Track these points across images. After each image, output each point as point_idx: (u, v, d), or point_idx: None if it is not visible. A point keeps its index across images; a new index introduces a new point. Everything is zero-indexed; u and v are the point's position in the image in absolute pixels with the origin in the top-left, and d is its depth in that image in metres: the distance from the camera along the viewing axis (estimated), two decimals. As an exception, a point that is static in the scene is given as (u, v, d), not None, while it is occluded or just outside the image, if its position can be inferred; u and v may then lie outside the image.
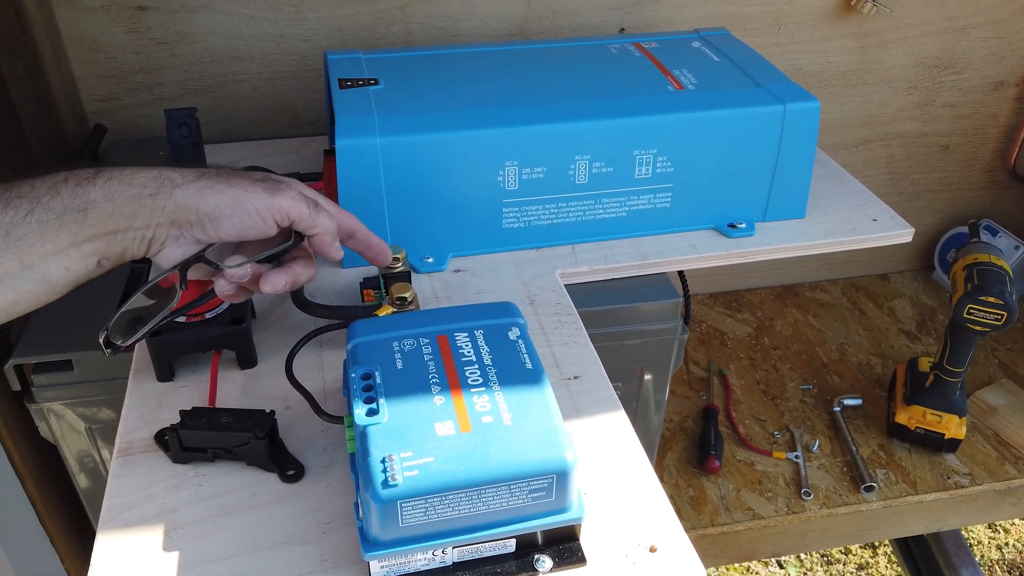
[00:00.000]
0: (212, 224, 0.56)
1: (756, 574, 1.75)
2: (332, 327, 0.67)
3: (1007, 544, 1.82)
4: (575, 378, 0.66)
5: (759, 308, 1.47)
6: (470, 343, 0.54)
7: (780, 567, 1.76)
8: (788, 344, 1.39)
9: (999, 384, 1.30)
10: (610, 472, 0.58)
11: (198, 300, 0.62)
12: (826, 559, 1.79)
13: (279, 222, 0.58)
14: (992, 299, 1.02)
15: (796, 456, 1.18)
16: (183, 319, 0.64)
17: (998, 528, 1.86)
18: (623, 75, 0.87)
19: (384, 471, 0.45)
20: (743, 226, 0.86)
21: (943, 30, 1.25)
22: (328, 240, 0.62)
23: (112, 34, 1.02)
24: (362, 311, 0.68)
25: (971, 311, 1.04)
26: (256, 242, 0.60)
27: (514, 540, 0.49)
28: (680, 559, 0.52)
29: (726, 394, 1.29)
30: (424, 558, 0.48)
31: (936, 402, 1.15)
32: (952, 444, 1.16)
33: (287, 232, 0.61)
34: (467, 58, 0.91)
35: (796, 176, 0.85)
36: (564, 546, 0.51)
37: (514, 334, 0.55)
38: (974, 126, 1.38)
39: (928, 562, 1.46)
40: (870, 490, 1.12)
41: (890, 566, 1.75)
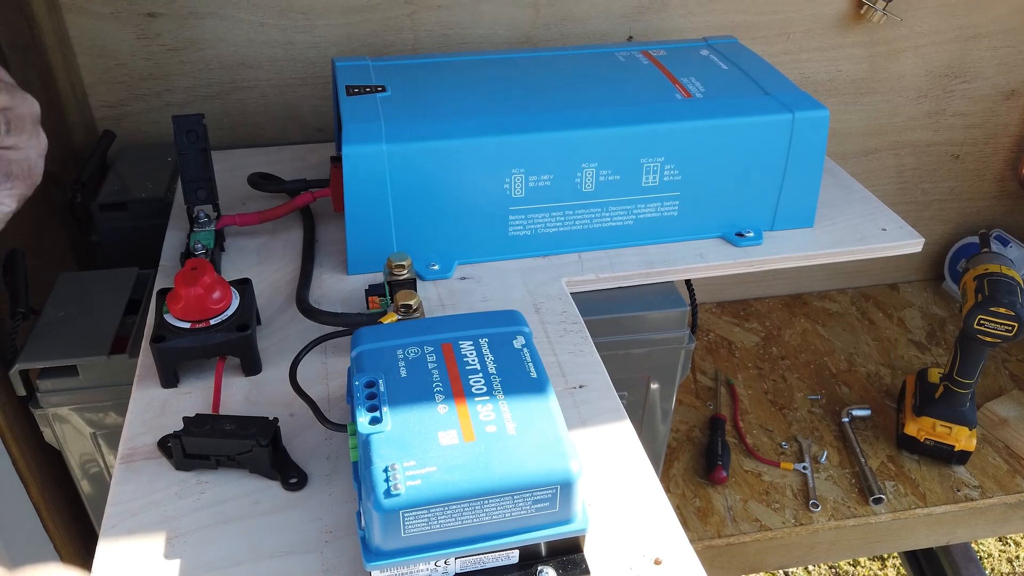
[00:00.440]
0: None
1: (763, 585, 1.74)
2: (337, 334, 0.67)
3: (1018, 557, 1.80)
4: (580, 387, 0.66)
5: (767, 317, 1.46)
6: (475, 351, 0.54)
7: (787, 579, 1.75)
8: (796, 354, 1.39)
9: (1010, 396, 1.29)
10: (615, 483, 0.57)
11: None
12: (834, 571, 1.77)
13: None
14: (1003, 310, 1.02)
15: (804, 467, 1.17)
16: (188, 325, 0.64)
17: (1009, 541, 1.84)
18: (631, 83, 0.87)
19: (387, 480, 0.45)
20: (751, 235, 0.85)
21: (954, 39, 1.24)
22: None
23: (122, 40, 1.02)
24: (367, 318, 0.68)
25: (982, 322, 1.03)
26: None
27: (517, 551, 0.49)
28: (685, 572, 0.51)
29: (733, 404, 1.28)
30: (426, 568, 0.48)
31: (946, 413, 1.14)
32: (962, 456, 1.15)
33: None
34: (475, 65, 0.91)
35: (805, 185, 0.85)
36: (568, 558, 0.50)
37: (519, 343, 0.55)
38: (985, 135, 1.37)
39: (938, 575, 1.45)
40: (879, 502, 1.11)
41: (899, 579, 1.74)
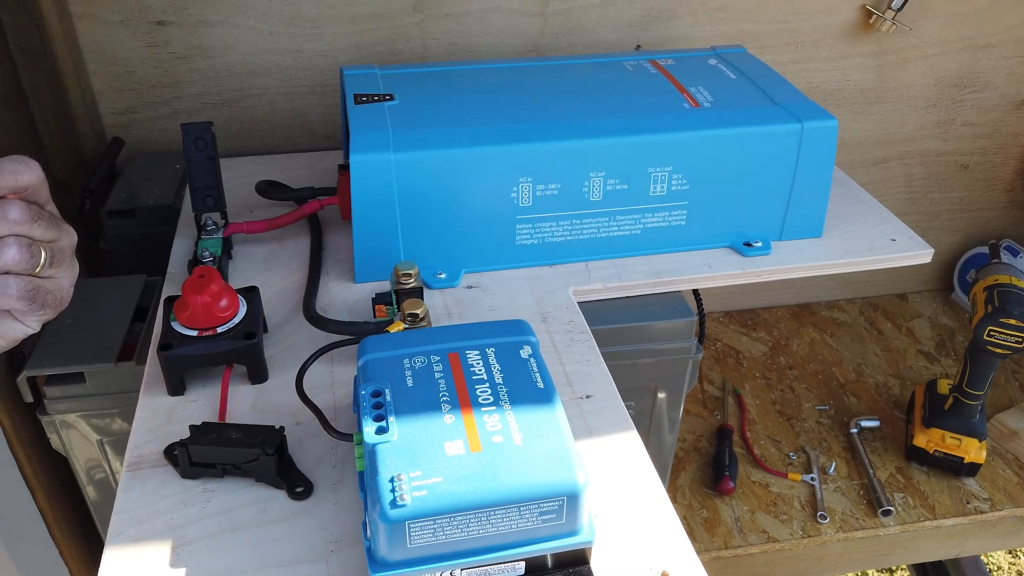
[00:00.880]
0: None
1: (770, 597, 1.72)
2: (343, 343, 0.67)
3: (1028, 570, 1.79)
4: (587, 397, 0.66)
5: (775, 327, 1.46)
6: (481, 361, 0.54)
7: (795, 590, 1.73)
8: (804, 364, 1.38)
9: (1020, 407, 1.28)
10: (622, 494, 0.57)
11: None
12: (842, 583, 1.76)
13: None
14: (1013, 321, 1.01)
15: (812, 478, 1.16)
16: (195, 332, 0.64)
17: (1018, 554, 1.82)
18: (639, 92, 0.86)
19: (393, 490, 0.45)
20: (759, 245, 0.85)
21: (963, 48, 1.24)
22: None
23: (131, 48, 1.03)
24: (373, 327, 0.68)
25: (992, 333, 1.03)
26: None
27: (523, 563, 0.49)
28: (693, 585, 0.51)
29: (741, 414, 1.27)
30: (432, 579, 0.48)
31: (955, 425, 1.13)
32: (972, 468, 1.14)
33: None
34: (483, 74, 0.91)
35: (813, 195, 0.85)
36: (574, 570, 0.50)
37: (526, 352, 0.55)
38: (994, 145, 1.36)
39: (947, 588, 1.44)
40: (887, 514, 1.10)
41: (908, 591, 1.72)
